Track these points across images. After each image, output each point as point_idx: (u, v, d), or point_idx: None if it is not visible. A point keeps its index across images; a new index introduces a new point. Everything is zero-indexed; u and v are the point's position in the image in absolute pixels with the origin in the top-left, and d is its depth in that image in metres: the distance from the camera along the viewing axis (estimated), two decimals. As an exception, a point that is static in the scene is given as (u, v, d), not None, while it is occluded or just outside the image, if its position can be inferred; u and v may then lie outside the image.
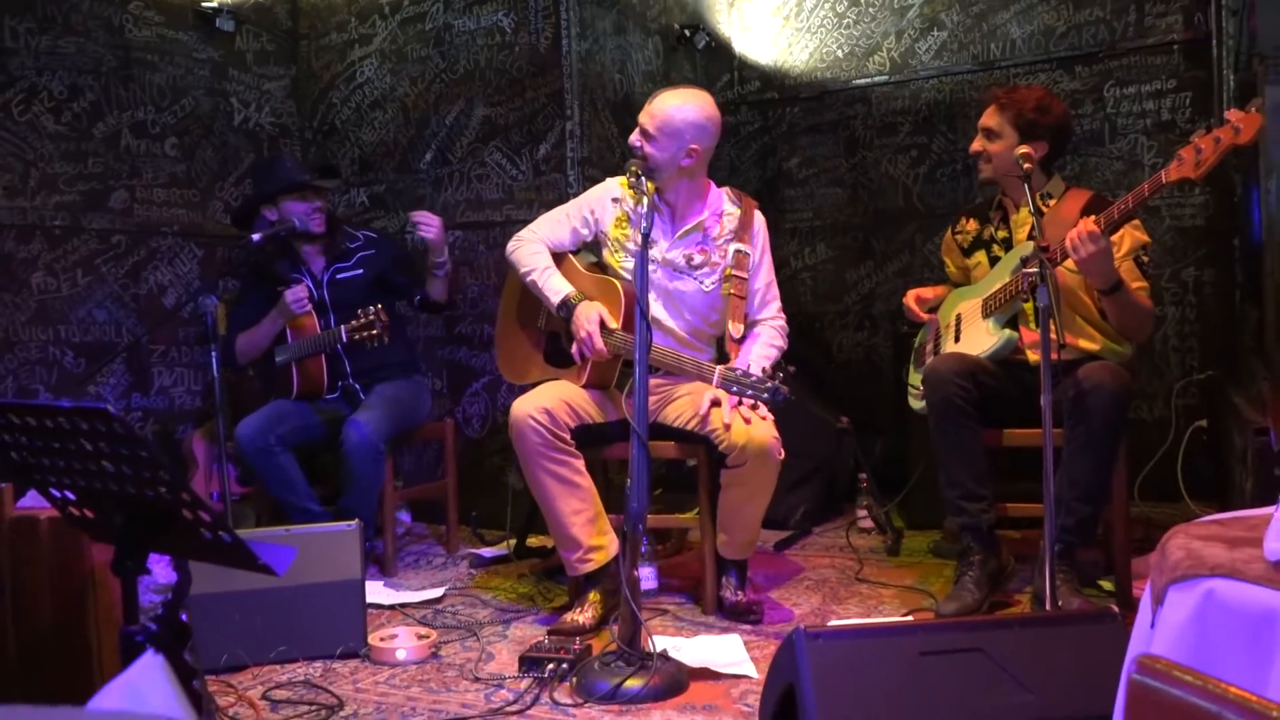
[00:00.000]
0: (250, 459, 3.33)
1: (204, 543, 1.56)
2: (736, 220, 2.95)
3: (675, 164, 2.80)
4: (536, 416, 2.69)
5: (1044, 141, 2.86)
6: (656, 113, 2.77)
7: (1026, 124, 2.85)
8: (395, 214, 4.34)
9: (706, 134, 2.81)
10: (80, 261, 3.76)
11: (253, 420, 3.35)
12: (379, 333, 3.27)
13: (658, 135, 2.76)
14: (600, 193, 3.05)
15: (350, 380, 3.54)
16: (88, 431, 1.45)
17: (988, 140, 2.93)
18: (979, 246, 3.09)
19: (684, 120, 2.76)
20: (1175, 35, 4.02)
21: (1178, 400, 3.97)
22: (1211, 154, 2.45)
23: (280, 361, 3.47)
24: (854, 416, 4.08)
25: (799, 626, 1.71)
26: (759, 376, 2.52)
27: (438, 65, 4.22)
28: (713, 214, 2.94)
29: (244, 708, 2.29)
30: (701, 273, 2.91)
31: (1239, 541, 1.49)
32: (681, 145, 2.77)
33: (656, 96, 2.82)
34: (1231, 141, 2.42)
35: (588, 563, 2.78)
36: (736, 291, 2.88)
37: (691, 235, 2.92)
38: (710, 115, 2.81)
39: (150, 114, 3.99)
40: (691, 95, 2.82)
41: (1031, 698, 1.69)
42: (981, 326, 2.93)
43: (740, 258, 2.90)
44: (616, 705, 2.22)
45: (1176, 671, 0.80)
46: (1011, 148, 2.84)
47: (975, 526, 2.79)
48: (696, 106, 2.79)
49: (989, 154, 2.93)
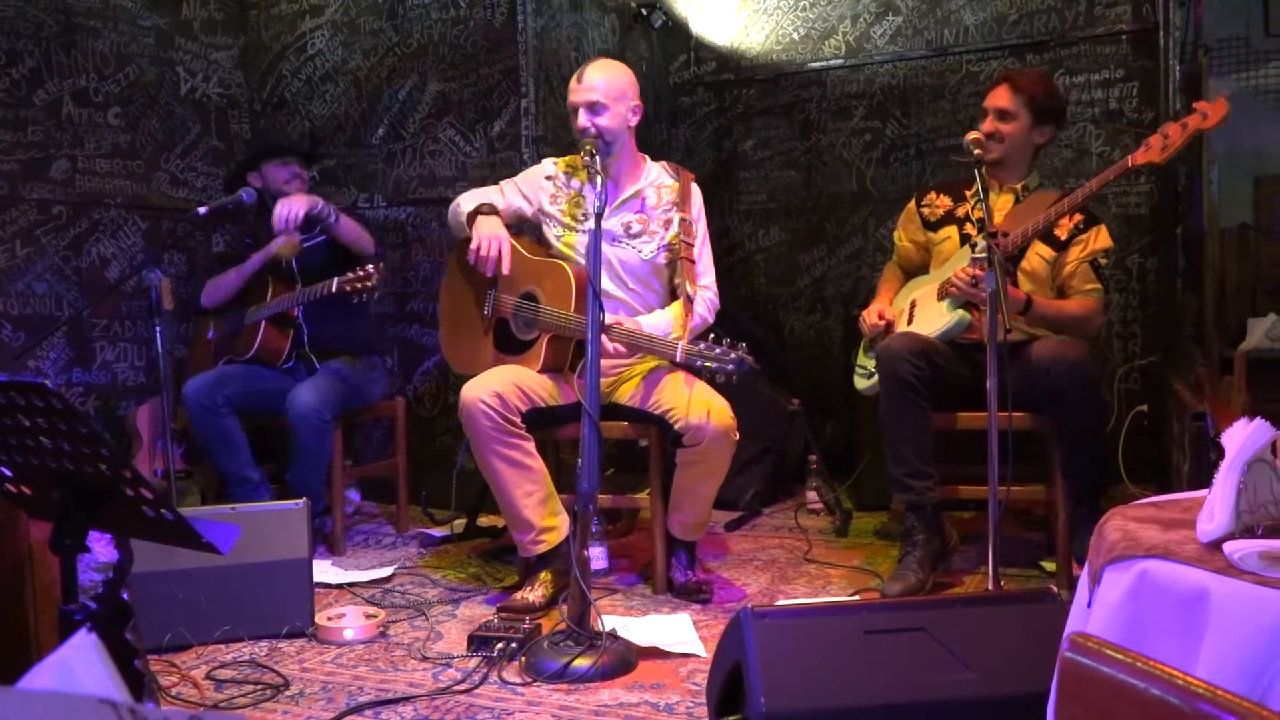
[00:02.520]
0: (195, 416, 3.30)
1: (146, 520, 1.54)
2: (675, 192, 2.97)
3: (625, 125, 2.88)
4: (487, 400, 2.68)
5: (1051, 125, 2.93)
6: (598, 84, 2.82)
7: (1040, 107, 2.91)
8: (346, 189, 4.28)
9: (638, 89, 2.95)
10: (19, 233, 3.66)
11: (201, 379, 3.34)
12: (373, 285, 3.21)
13: (608, 102, 2.81)
14: (535, 173, 3.08)
15: (306, 348, 3.52)
16: (24, 406, 1.42)
17: (1000, 121, 2.94)
18: (950, 222, 3.11)
19: (623, 79, 2.89)
20: (1124, 25, 4.08)
21: (1120, 385, 4.06)
22: (1178, 139, 2.53)
23: (251, 320, 3.46)
24: (805, 398, 4.11)
25: (746, 606, 1.73)
26: (722, 349, 2.53)
27: (390, 38, 4.16)
28: (650, 183, 2.97)
29: (188, 687, 2.27)
30: (640, 240, 2.93)
31: (1173, 523, 1.53)
32: (628, 104, 2.88)
33: (582, 73, 2.87)
34: (1198, 126, 2.50)
35: (540, 544, 2.78)
36: (687, 255, 2.90)
37: (630, 203, 2.94)
38: (631, 73, 2.95)
39: (93, 82, 3.89)
40: (609, 60, 2.98)
41: (973, 675, 1.72)
42: (935, 308, 2.97)
43: (686, 226, 2.93)
44: (565, 684, 2.23)
45: (1107, 649, 0.82)
46: (1025, 129, 2.91)
47: (920, 505, 2.83)
48: (620, 67, 2.95)
49: (1001, 134, 2.94)
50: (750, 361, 2.51)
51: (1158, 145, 2.57)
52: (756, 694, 1.66)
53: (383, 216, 4.22)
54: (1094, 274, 2.90)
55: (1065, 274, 2.93)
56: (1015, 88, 2.93)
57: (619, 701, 2.14)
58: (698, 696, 2.14)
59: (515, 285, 2.97)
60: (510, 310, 2.97)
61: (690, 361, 2.58)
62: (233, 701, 2.18)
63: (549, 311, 2.83)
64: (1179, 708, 0.72)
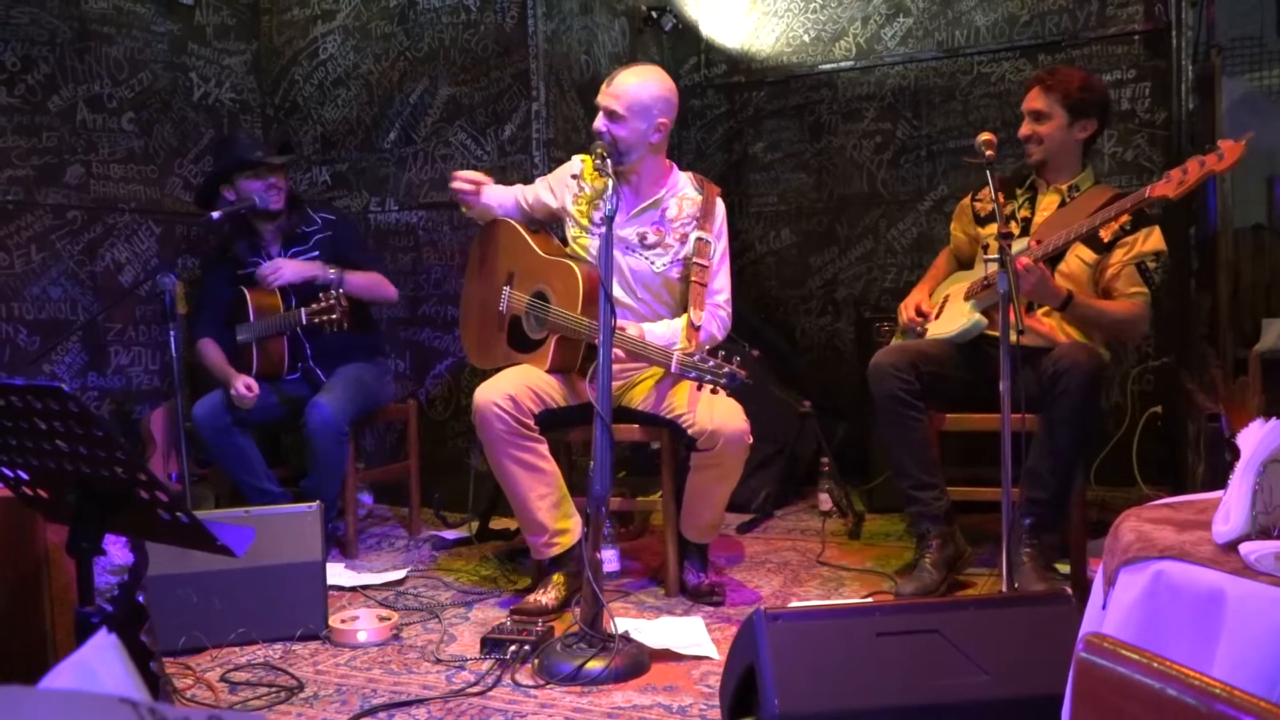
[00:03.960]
0: (207, 439, 3.32)
1: (161, 523, 1.55)
2: (697, 206, 2.91)
3: (645, 141, 2.81)
4: (500, 403, 2.68)
5: (1093, 119, 2.91)
6: (622, 93, 2.76)
7: (1075, 103, 2.88)
8: (358, 193, 4.29)
9: (671, 107, 2.84)
10: (34, 238, 3.69)
11: (209, 400, 3.34)
12: (338, 317, 3.23)
13: (626, 115, 2.76)
14: (564, 170, 3.06)
15: (311, 363, 3.51)
16: (41, 410, 1.43)
17: (1036, 123, 2.92)
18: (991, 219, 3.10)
19: (651, 96, 2.78)
20: (1136, 25, 4.07)
21: (1134, 386, 4.04)
22: (1194, 177, 2.52)
23: (241, 340, 3.44)
24: (816, 400, 4.11)
25: (759, 608, 1.73)
26: (716, 362, 2.50)
27: (402, 43, 4.18)
28: (671, 194, 2.92)
29: (202, 689, 2.28)
30: (654, 252, 2.90)
31: (1188, 524, 1.53)
32: (650, 122, 2.79)
33: (615, 77, 2.81)
34: (1214, 167, 2.50)
35: (553, 547, 2.78)
36: (698, 279, 2.85)
37: (647, 213, 2.91)
38: (671, 88, 2.85)
39: (107, 88, 3.91)
40: (650, 71, 2.85)
41: (986, 677, 1.71)
42: (962, 308, 2.96)
43: (702, 246, 2.87)
44: (578, 686, 2.23)
45: (1122, 650, 0.82)
46: (1063, 127, 2.89)
47: (930, 515, 2.83)
48: (658, 81, 2.81)
49: (1039, 136, 2.91)
50: (743, 376, 2.47)
51: (1176, 179, 2.57)
52: (770, 696, 1.66)
53: (394, 220, 4.23)
54: (1139, 276, 2.83)
55: (1108, 277, 2.85)
56: (1046, 87, 2.90)
57: (632, 704, 2.14)
58: (711, 699, 2.14)
59: (528, 283, 2.97)
60: (523, 308, 2.97)
61: (684, 373, 2.54)
62: (247, 704, 2.19)
63: (558, 312, 2.83)
64: (1195, 708, 0.72)
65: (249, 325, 3.44)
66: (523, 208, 3.11)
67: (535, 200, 3.09)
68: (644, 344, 2.70)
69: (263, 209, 3.43)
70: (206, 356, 3.46)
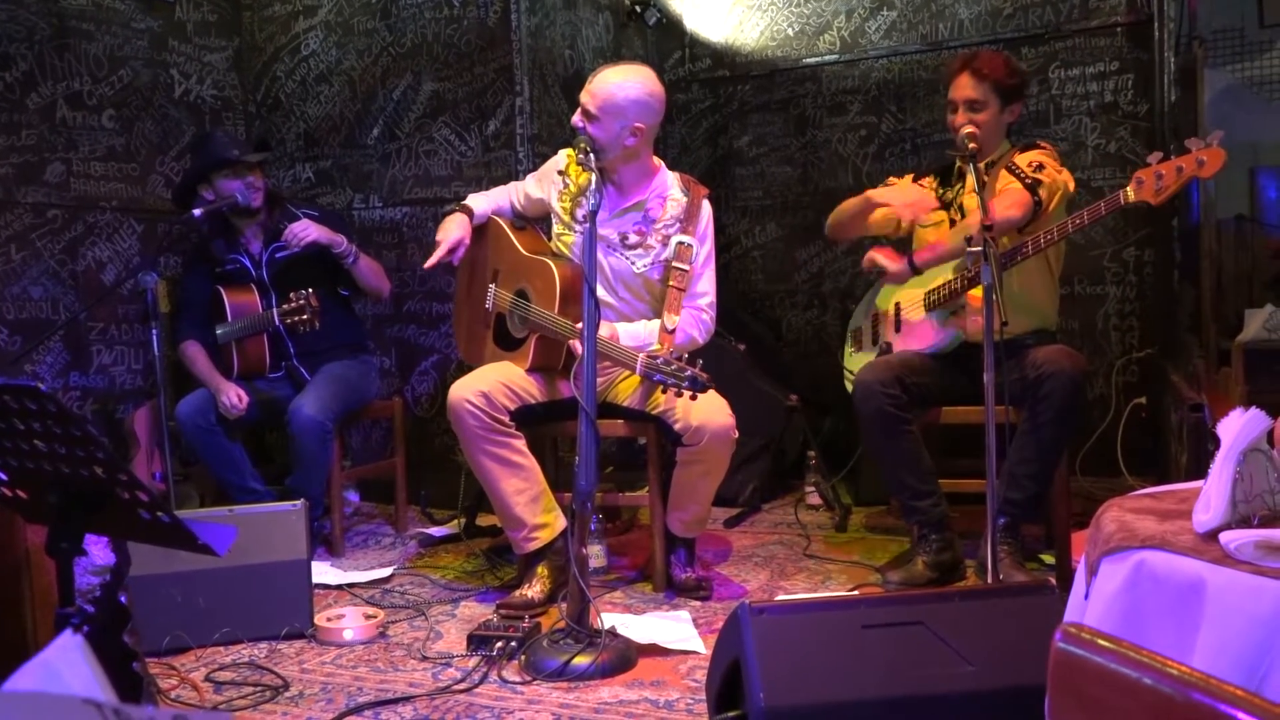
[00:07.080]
0: (191, 438, 3.30)
1: (142, 523, 1.54)
2: (682, 208, 2.87)
3: (620, 144, 2.74)
4: (472, 400, 2.67)
5: (1019, 102, 2.91)
6: (597, 91, 2.71)
7: (1007, 89, 2.87)
8: (342, 190, 4.27)
9: (651, 111, 2.75)
10: (14, 237, 3.66)
11: (193, 399, 3.32)
12: (309, 318, 3.22)
13: (600, 115, 2.70)
14: (550, 165, 3.04)
15: (294, 360, 3.49)
16: (19, 410, 1.41)
17: (972, 112, 2.87)
18: (941, 206, 3.08)
19: (626, 98, 2.70)
20: (1118, 18, 4.08)
21: (1118, 377, 4.06)
22: (1173, 182, 2.51)
23: (221, 339, 3.42)
24: (803, 394, 4.11)
25: (743, 601, 1.73)
26: (678, 365, 2.48)
27: (384, 38, 4.16)
28: (657, 196, 2.89)
29: (187, 690, 2.27)
30: (635, 253, 2.87)
31: (1170, 514, 1.53)
32: (625, 124, 2.71)
33: (597, 74, 2.75)
34: (1194, 174, 2.48)
35: (533, 541, 2.78)
36: (677, 284, 2.81)
37: (630, 214, 2.89)
38: (653, 92, 2.75)
39: (87, 85, 3.88)
40: (633, 71, 2.75)
41: (970, 668, 1.72)
42: (925, 322, 2.96)
43: (683, 250, 2.83)
44: (565, 682, 2.23)
45: (1099, 639, 0.82)
46: (996, 115, 2.88)
47: (931, 521, 2.84)
48: (639, 83, 2.73)
49: (978, 125, 2.82)
50: (705, 379, 2.45)
51: (1151, 185, 2.55)
52: (755, 689, 1.66)
53: (378, 217, 4.22)
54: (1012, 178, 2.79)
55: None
56: (979, 75, 2.85)
57: (619, 699, 2.14)
58: (697, 693, 2.14)
59: (511, 281, 2.97)
60: (507, 307, 2.96)
61: (649, 375, 2.52)
62: (232, 704, 2.18)
63: (537, 311, 2.82)
64: (1171, 696, 0.72)
65: (228, 324, 3.42)
66: (515, 207, 3.12)
67: (526, 198, 3.08)
68: (611, 345, 2.64)
69: (244, 206, 3.41)
70: (194, 363, 3.44)
